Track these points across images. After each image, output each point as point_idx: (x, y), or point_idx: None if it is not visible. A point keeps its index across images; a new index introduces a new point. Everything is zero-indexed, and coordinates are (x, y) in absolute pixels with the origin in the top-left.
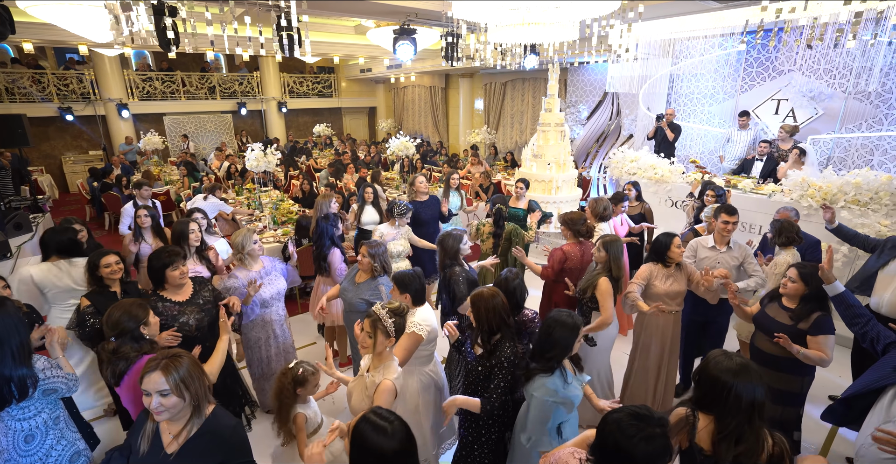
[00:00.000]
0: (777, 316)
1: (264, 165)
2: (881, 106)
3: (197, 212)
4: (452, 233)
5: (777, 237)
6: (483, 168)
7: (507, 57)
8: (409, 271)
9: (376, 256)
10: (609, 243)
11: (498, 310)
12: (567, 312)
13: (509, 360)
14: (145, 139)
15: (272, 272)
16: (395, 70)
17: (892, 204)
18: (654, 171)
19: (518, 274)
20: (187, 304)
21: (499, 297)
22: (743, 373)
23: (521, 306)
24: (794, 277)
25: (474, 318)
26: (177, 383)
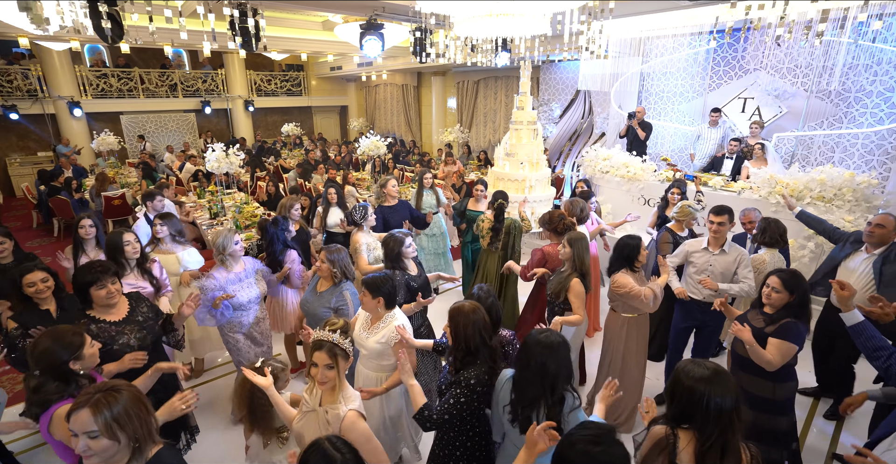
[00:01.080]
0: (753, 320)
1: (226, 167)
2: (841, 105)
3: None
4: (395, 235)
5: (761, 235)
6: (457, 168)
7: (479, 54)
8: (381, 274)
9: (336, 261)
10: (574, 240)
11: (478, 327)
12: (544, 335)
13: (469, 384)
14: (99, 139)
15: (252, 275)
16: (366, 68)
17: (855, 200)
18: (626, 169)
19: (491, 292)
20: (125, 323)
21: (480, 313)
22: (716, 379)
23: (496, 327)
24: (777, 286)
25: (451, 335)
26: (108, 422)
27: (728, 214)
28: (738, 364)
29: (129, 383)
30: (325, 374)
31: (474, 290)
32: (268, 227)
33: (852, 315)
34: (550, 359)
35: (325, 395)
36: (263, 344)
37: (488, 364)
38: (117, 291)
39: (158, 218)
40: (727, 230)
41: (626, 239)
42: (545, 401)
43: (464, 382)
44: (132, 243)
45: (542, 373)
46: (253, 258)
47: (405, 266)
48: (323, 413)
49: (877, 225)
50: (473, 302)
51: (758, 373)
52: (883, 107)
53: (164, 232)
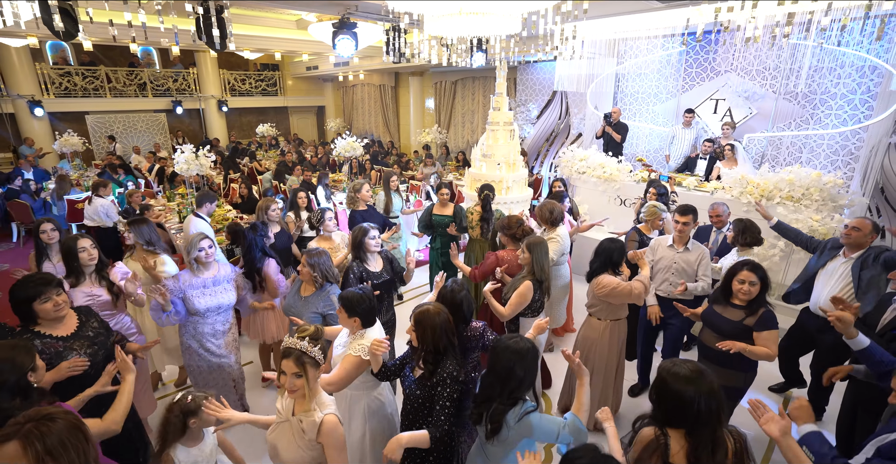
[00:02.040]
0: (725, 312)
1: (196, 169)
2: (807, 106)
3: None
4: (363, 225)
5: (741, 237)
6: (435, 170)
7: (453, 55)
8: (357, 290)
9: (316, 265)
10: (533, 245)
11: (444, 328)
12: (514, 341)
13: (452, 376)
14: (61, 140)
15: (223, 283)
16: (342, 68)
17: (822, 199)
18: (602, 169)
19: (464, 285)
20: (73, 338)
21: (444, 314)
22: (701, 380)
23: (467, 320)
24: (754, 280)
25: (418, 337)
26: (40, 456)
27: (692, 213)
28: (707, 357)
29: (65, 409)
30: (294, 382)
31: (448, 283)
32: (246, 232)
33: (857, 341)
34: (519, 365)
35: (296, 403)
36: (223, 356)
37: (457, 361)
38: (65, 302)
39: (128, 224)
40: (691, 229)
41: (607, 243)
42: (498, 401)
43: (449, 378)
44: (87, 249)
45: (507, 377)
46: (234, 267)
47: (365, 258)
48: (297, 422)
49: (853, 228)
50: (437, 304)
51: (727, 364)
52: (846, 108)
53: (132, 239)
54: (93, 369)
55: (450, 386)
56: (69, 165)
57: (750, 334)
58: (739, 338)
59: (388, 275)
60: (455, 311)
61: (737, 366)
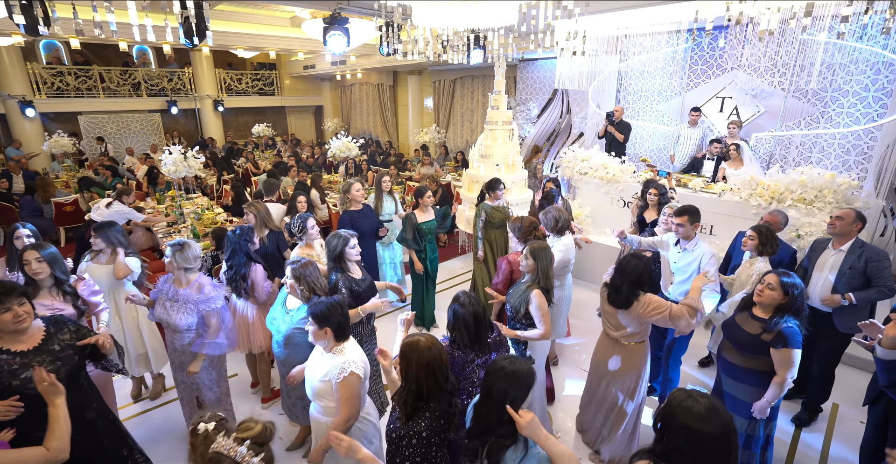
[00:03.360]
0: (745, 325)
1: (184, 170)
2: (817, 104)
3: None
4: (340, 233)
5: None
6: (433, 170)
7: (449, 51)
8: (329, 300)
9: (302, 277)
10: (537, 251)
11: (432, 367)
12: (508, 361)
13: (420, 437)
14: (51, 141)
15: (181, 302)
16: (339, 67)
17: (836, 202)
18: (605, 170)
19: (476, 299)
20: (35, 353)
21: (436, 349)
22: (714, 416)
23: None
24: (773, 283)
25: (402, 373)
26: None
27: (689, 214)
28: (727, 372)
29: None
30: None
31: (459, 295)
32: (230, 235)
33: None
34: (513, 387)
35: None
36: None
37: (444, 408)
38: (27, 313)
39: (94, 229)
40: (690, 230)
41: (633, 260)
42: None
43: (415, 436)
44: (31, 263)
45: (503, 402)
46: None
47: (347, 268)
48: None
49: (836, 217)
50: (430, 337)
51: (747, 381)
52: (859, 106)
53: (100, 245)
54: None
55: (414, 447)
56: (59, 167)
57: (767, 350)
58: (755, 353)
59: (370, 278)
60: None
61: (756, 382)
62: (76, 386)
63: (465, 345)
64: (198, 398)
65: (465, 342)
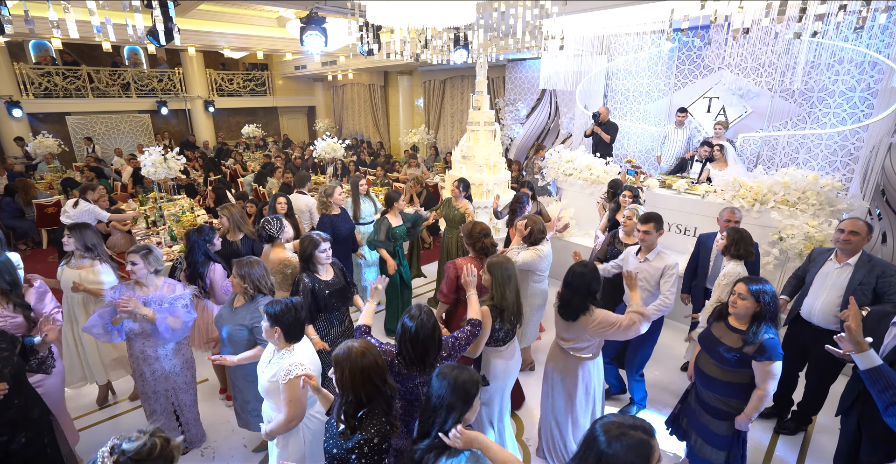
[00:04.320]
0: (723, 337)
1: (164, 172)
2: (804, 104)
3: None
4: (312, 235)
5: (734, 248)
6: (419, 171)
7: (430, 51)
8: (286, 301)
9: (246, 276)
10: (495, 266)
11: (368, 373)
12: (452, 369)
13: (372, 444)
14: (35, 142)
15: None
16: (330, 67)
17: (819, 204)
18: (589, 171)
19: (428, 311)
20: None
21: (370, 355)
22: (640, 447)
23: (424, 361)
24: (743, 292)
25: (337, 383)
26: None
27: (654, 222)
28: (705, 384)
29: None
30: None
31: (413, 307)
32: (190, 234)
33: (868, 357)
34: (455, 396)
35: None
36: (164, 380)
37: (385, 411)
38: None
39: (68, 229)
40: (655, 238)
41: (580, 268)
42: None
43: (366, 444)
44: None
45: (445, 410)
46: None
47: (315, 269)
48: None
49: (851, 232)
50: (365, 342)
51: (728, 394)
52: (845, 107)
53: (72, 245)
54: None
55: (366, 457)
56: (46, 168)
57: (748, 363)
58: (736, 366)
59: (343, 281)
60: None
61: (738, 395)
62: (20, 386)
63: (408, 363)
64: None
65: (410, 359)
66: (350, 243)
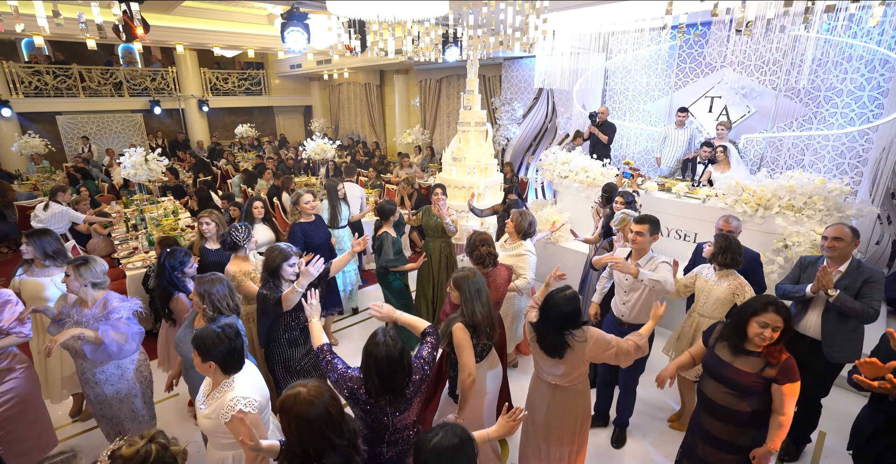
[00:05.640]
0: (736, 361)
1: (145, 174)
2: (810, 104)
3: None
4: (282, 247)
5: (721, 255)
6: (412, 172)
7: (418, 49)
8: (214, 330)
9: (205, 295)
10: (460, 280)
11: (317, 425)
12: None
13: None
14: (21, 142)
15: (88, 322)
16: (325, 66)
17: (826, 209)
18: (585, 174)
19: (396, 338)
20: None
21: (320, 404)
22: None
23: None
24: (780, 325)
25: (283, 430)
26: None
27: (650, 223)
28: (711, 412)
29: None
30: None
31: (378, 331)
32: (161, 255)
33: None
34: None
35: None
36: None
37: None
38: None
39: (26, 236)
40: (648, 242)
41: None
42: None
43: None
44: None
45: None
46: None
47: (279, 284)
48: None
49: (834, 238)
50: (315, 387)
51: (735, 422)
52: (853, 106)
53: (31, 253)
54: None
55: None
56: (34, 168)
57: (769, 389)
58: (758, 393)
59: None
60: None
61: (750, 424)
62: None
63: (376, 393)
64: (120, 433)
65: (377, 390)
66: (325, 252)
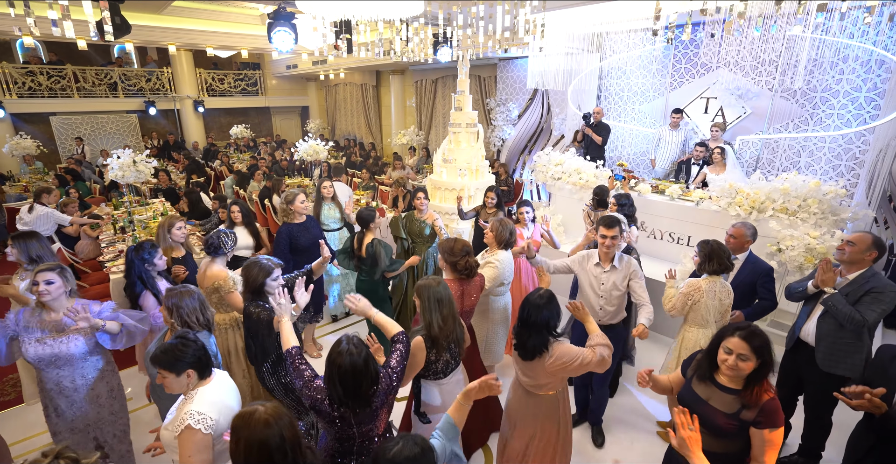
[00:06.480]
0: (712, 398)
1: (132, 176)
2: (806, 105)
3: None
4: (261, 261)
5: (707, 264)
6: (405, 173)
7: (409, 48)
8: (171, 341)
9: (174, 309)
10: (421, 288)
11: (268, 451)
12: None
13: None
14: (12, 143)
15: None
16: (321, 66)
17: (821, 212)
18: (578, 176)
19: (360, 346)
20: None
21: (276, 427)
22: None
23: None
24: (745, 353)
25: (231, 454)
26: None
27: (619, 225)
28: None
29: None
30: None
31: (342, 339)
32: (128, 252)
33: None
34: None
35: None
36: (80, 413)
37: None
38: None
39: (11, 238)
40: (618, 244)
41: (537, 300)
42: None
43: None
44: None
45: None
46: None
47: (266, 300)
48: None
49: (847, 242)
50: (273, 407)
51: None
52: (850, 108)
53: (15, 256)
54: None
55: None
56: (27, 169)
57: (747, 431)
58: (729, 436)
59: None
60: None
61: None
62: None
63: (340, 402)
64: (97, 441)
65: (341, 399)
66: (312, 253)
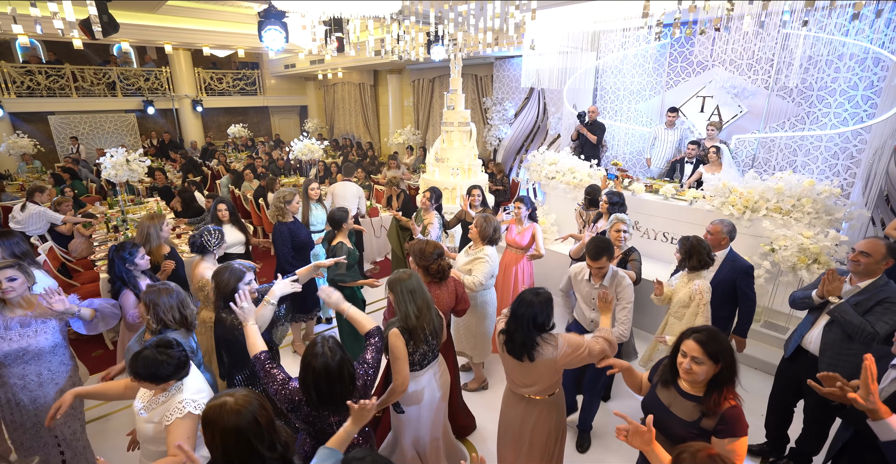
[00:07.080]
0: (673, 405)
1: (126, 174)
2: (803, 103)
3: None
4: (233, 266)
5: (687, 260)
6: (399, 173)
7: (400, 46)
8: (150, 353)
9: (151, 305)
10: (394, 281)
11: (245, 438)
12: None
13: None
14: (9, 142)
15: (35, 325)
16: (319, 65)
17: (815, 212)
18: (572, 175)
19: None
20: None
21: (247, 414)
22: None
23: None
24: (698, 356)
25: (207, 446)
26: None
27: (607, 255)
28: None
29: None
30: None
31: (317, 340)
32: (110, 249)
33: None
34: None
35: None
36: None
37: None
38: None
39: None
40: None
41: (531, 297)
42: None
43: None
44: None
45: None
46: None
47: None
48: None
49: (860, 253)
50: (243, 396)
51: None
52: (846, 106)
53: None
54: None
55: None
56: (25, 168)
57: (708, 438)
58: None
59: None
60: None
61: None
62: None
63: (315, 405)
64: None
65: (315, 403)
66: (310, 250)
